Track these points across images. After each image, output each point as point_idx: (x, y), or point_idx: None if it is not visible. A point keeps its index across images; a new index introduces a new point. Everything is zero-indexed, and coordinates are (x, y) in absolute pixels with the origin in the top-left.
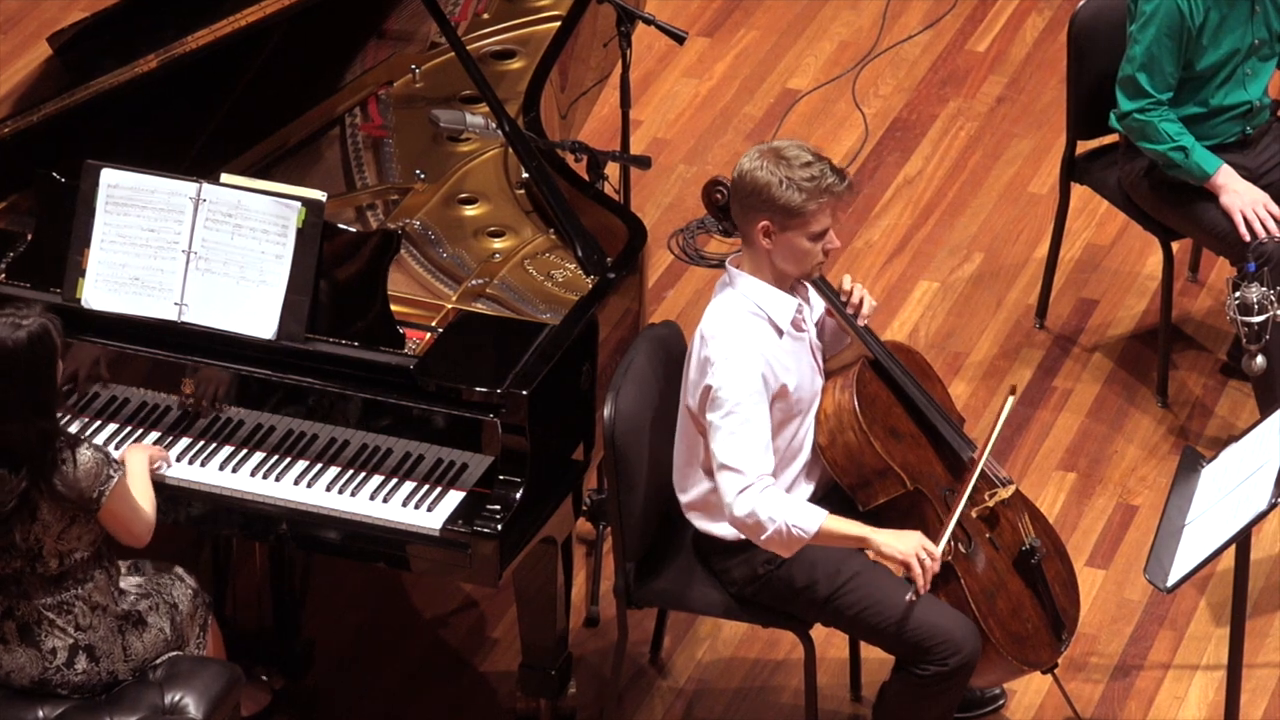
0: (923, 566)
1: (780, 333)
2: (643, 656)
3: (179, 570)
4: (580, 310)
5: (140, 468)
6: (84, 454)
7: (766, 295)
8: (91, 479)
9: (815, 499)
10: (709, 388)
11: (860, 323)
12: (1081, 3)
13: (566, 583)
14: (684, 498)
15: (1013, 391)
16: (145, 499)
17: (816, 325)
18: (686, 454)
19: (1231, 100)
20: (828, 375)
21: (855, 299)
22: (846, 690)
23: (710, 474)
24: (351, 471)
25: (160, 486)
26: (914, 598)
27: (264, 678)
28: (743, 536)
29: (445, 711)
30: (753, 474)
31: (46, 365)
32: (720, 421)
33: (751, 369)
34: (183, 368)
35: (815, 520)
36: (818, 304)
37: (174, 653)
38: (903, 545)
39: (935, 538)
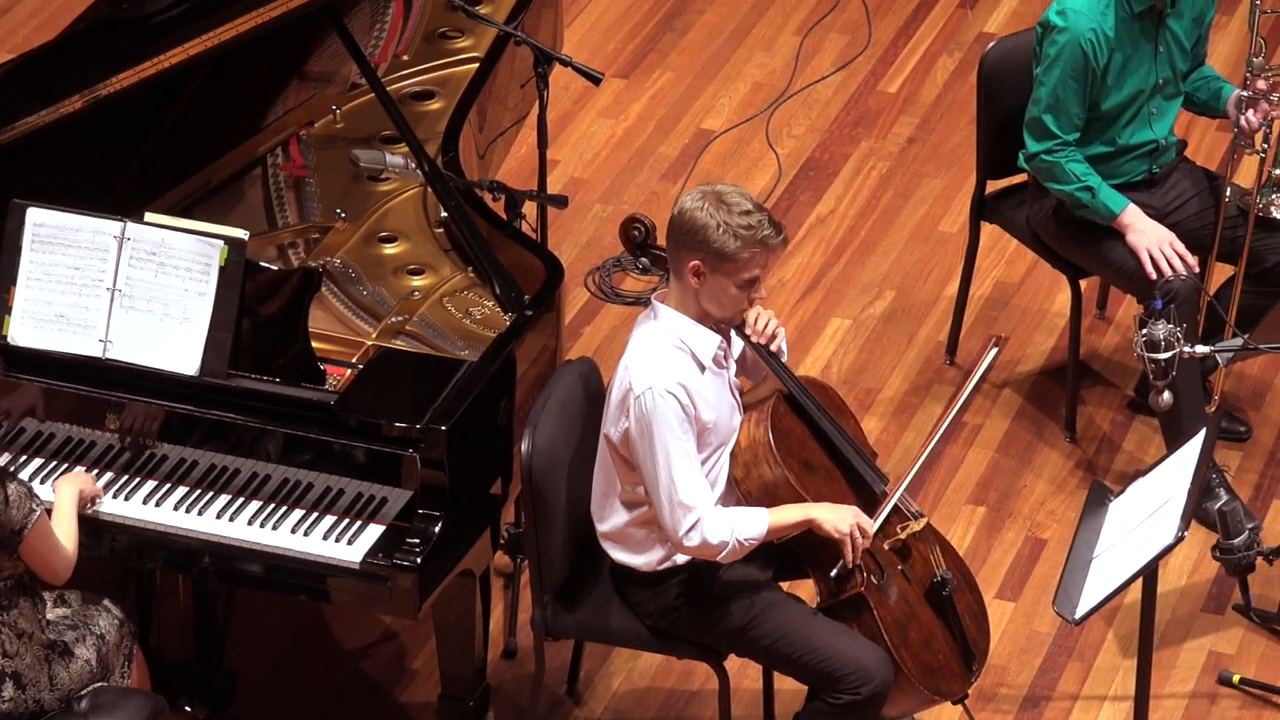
0: (855, 543)
1: (702, 368)
2: (560, 687)
3: (106, 602)
4: (498, 347)
5: (69, 501)
6: (11, 489)
7: (690, 330)
8: (14, 514)
9: None
10: (636, 421)
11: (773, 347)
12: (990, 45)
13: (484, 614)
14: (601, 527)
15: (1000, 341)
16: (68, 536)
17: (736, 361)
18: (604, 485)
19: (1138, 139)
20: (744, 409)
21: (761, 327)
22: None
23: (628, 506)
24: (273, 505)
25: (85, 520)
26: (835, 572)
27: (188, 709)
28: (660, 568)
29: None
30: (697, 507)
31: None
32: (655, 457)
33: (675, 402)
34: (108, 403)
35: (762, 524)
36: (738, 341)
37: (99, 683)
38: (841, 524)
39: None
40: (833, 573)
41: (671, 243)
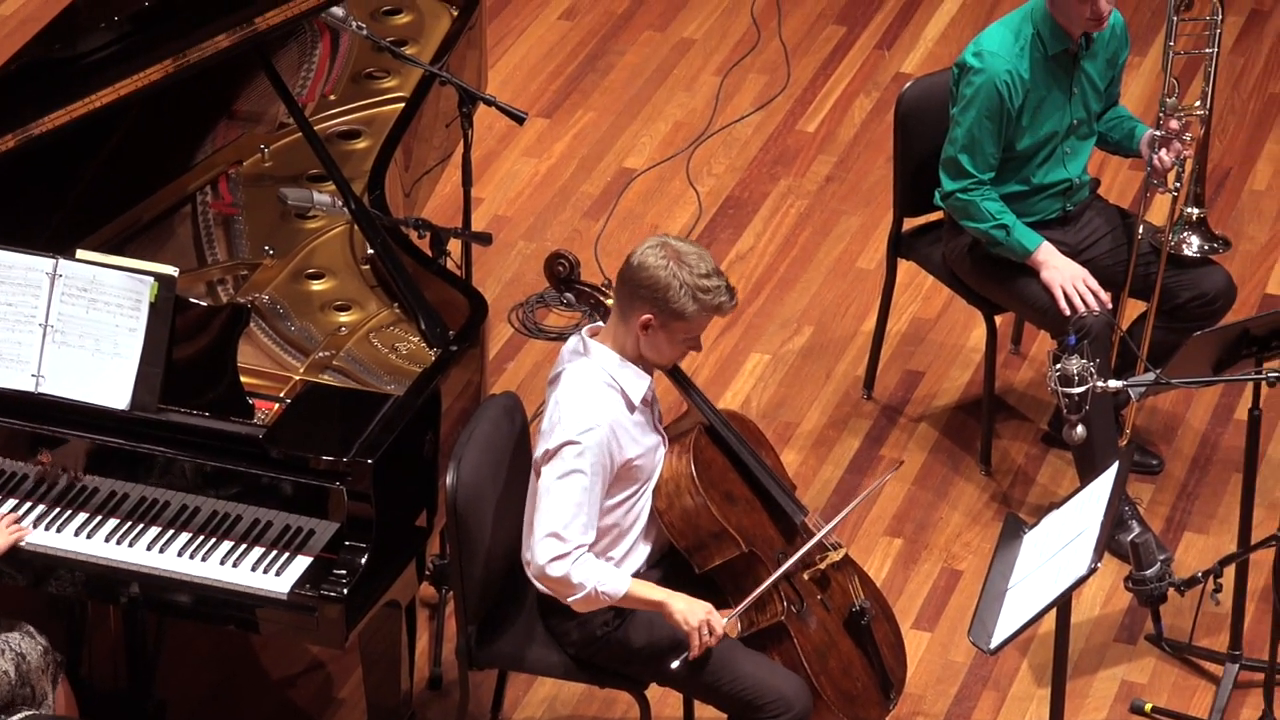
0: (703, 638)
1: (632, 407)
2: (484, 716)
3: (29, 628)
4: (424, 381)
5: None
6: None
7: (621, 370)
8: None
9: (652, 561)
10: (555, 447)
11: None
12: (907, 85)
13: (410, 644)
14: (527, 555)
15: (897, 465)
16: None
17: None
18: (533, 511)
19: (1052, 178)
20: (667, 442)
21: None
22: None
23: None
24: (203, 537)
25: (16, 551)
26: (677, 665)
27: None
28: None
29: None
30: (572, 544)
31: None
32: (555, 483)
33: (597, 441)
34: (40, 437)
35: (622, 585)
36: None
37: (27, 711)
38: (692, 617)
39: (769, 600)
40: (673, 665)
41: (625, 290)
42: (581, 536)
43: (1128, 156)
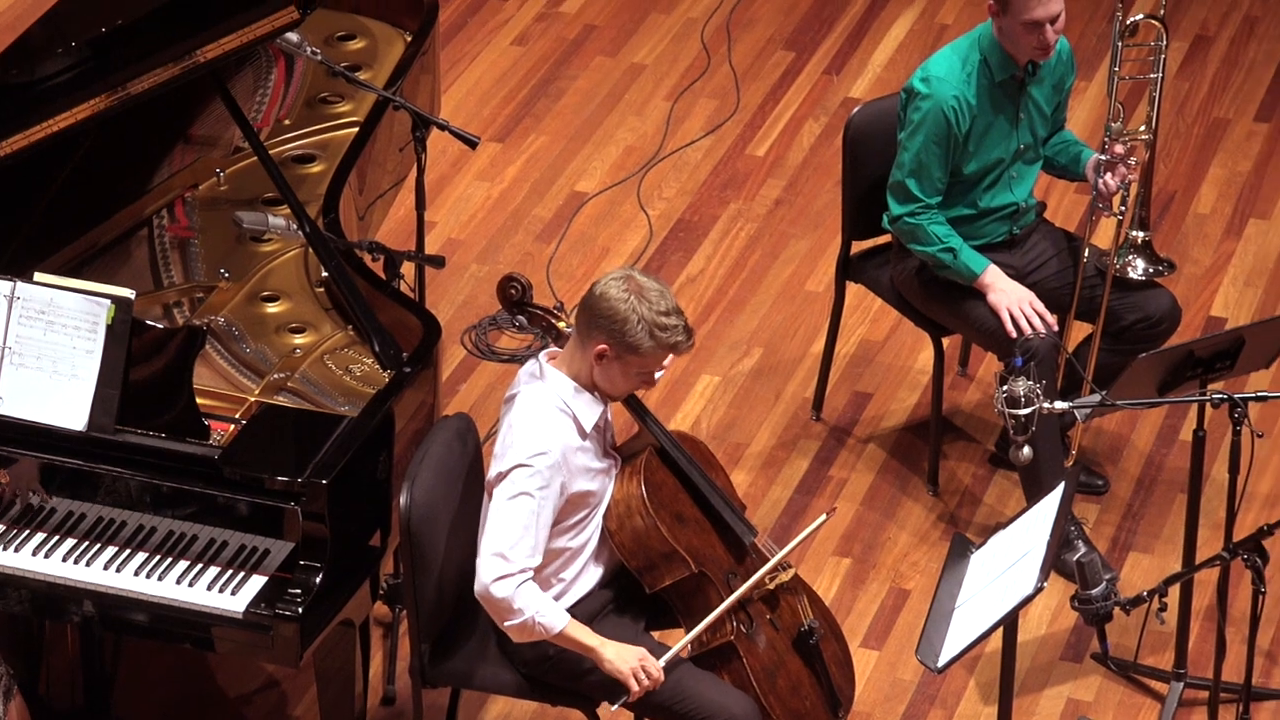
0: (639, 682)
1: (583, 434)
2: None
3: None
4: (378, 403)
5: None
6: None
7: (575, 397)
8: None
9: (604, 581)
10: (507, 470)
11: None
12: (855, 110)
13: (364, 662)
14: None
15: (831, 512)
16: None
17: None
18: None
19: (999, 202)
20: (618, 465)
21: None
22: None
23: None
24: (159, 557)
25: None
26: (615, 707)
27: None
28: None
29: None
30: (517, 565)
31: None
32: (504, 504)
33: (548, 465)
34: None
35: (560, 622)
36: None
37: None
38: (622, 664)
39: (718, 620)
40: (612, 707)
41: (584, 318)
42: (527, 559)
43: (1074, 180)
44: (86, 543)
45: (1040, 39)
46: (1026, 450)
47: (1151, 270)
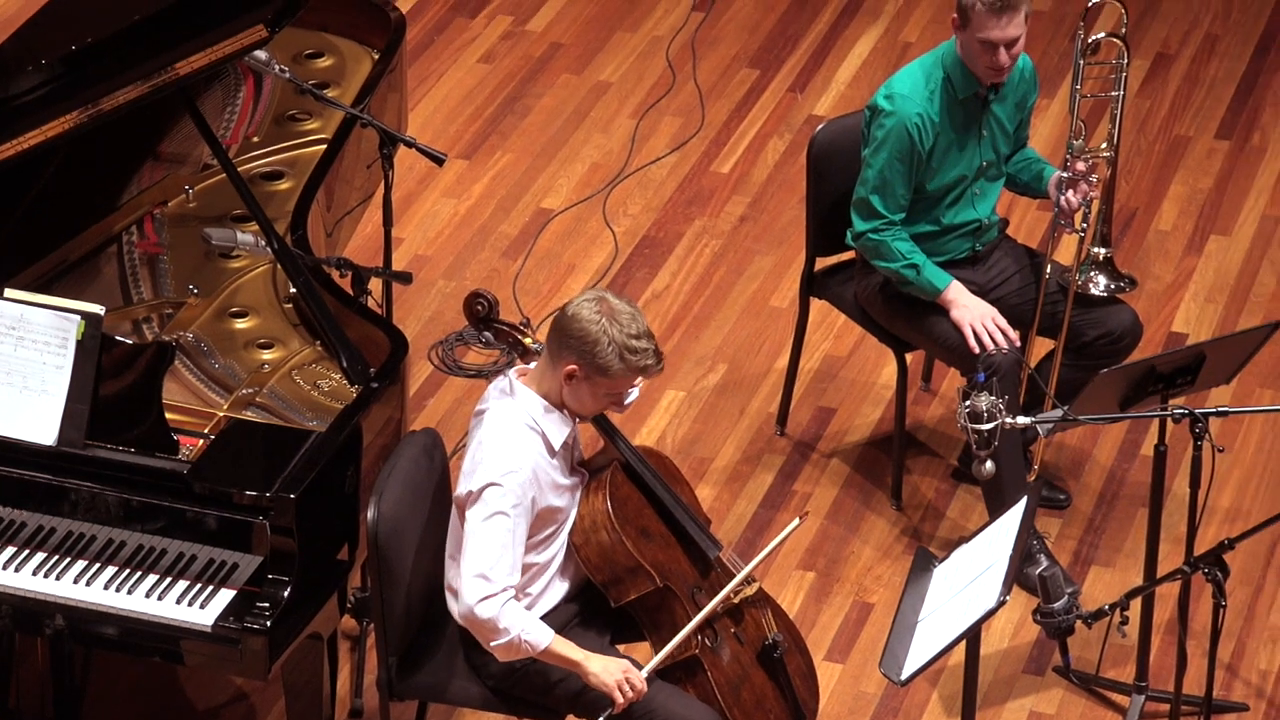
0: (624, 694)
1: (552, 452)
2: None
3: None
4: (345, 418)
5: None
6: None
7: (545, 415)
8: None
9: (570, 596)
10: (479, 489)
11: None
12: (819, 128)
13: (332, 676)
14: (448, 582)
15: (804, 515)
16: None
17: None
18: (453, 545)
19: (961, 219)
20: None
21: None
22: None
23: None
24: (128, 571)
25: None
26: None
27: None
28: None
29: None
30: (499, 585)
31: None
32: (480, 525)
33: (520, 482)
34: None
35: (545, 639)
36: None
37: None
38: (608, 677)
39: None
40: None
41: (555, 338)
42: (508, 578)
43: (1036, 198)
44: (56, 556)
45: (993, 59)
46: (989, 465)
47: (1113, 286)
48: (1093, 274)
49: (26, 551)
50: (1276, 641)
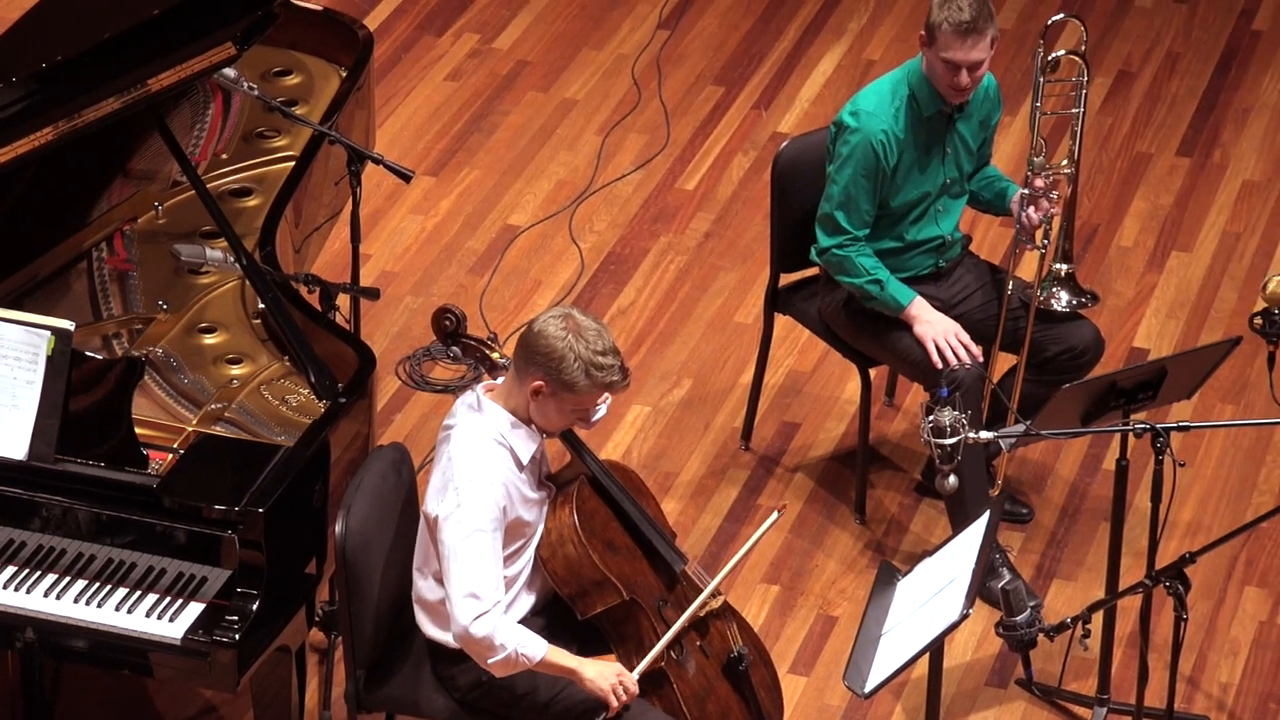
0: (618, 696)
1: (521, 466)
2: None
3: None
4: (313, 433)
5: None
6: None
7: (513, 431)
8: None
9: (536, 609)
10: (452, 510)
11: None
12: (784, 145)
13: (300, 688)
14: (416, 595)
15: (781, 508)
16: None
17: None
18: (421, 559)
19: (925, 235)
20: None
21: None
22: None
23: (441, 581)
24: (98, 584)
25: None
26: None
27: None
28: None
29: None
30: (490, 601)
31: None
32: (460, 545)
33: (493, 497)
34: None
35: (540, 650)
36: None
37: None
38: (603, 681)
39: (649, 646)
40: None
41: (522, 354)
42: (495, 593)
43: (999, 215)
44: (27, 570)
45: (955, 80)
46: (952, 479)
47: (1075, 302)
48: (1054, 290)
49: None
50: (1237, 654)
